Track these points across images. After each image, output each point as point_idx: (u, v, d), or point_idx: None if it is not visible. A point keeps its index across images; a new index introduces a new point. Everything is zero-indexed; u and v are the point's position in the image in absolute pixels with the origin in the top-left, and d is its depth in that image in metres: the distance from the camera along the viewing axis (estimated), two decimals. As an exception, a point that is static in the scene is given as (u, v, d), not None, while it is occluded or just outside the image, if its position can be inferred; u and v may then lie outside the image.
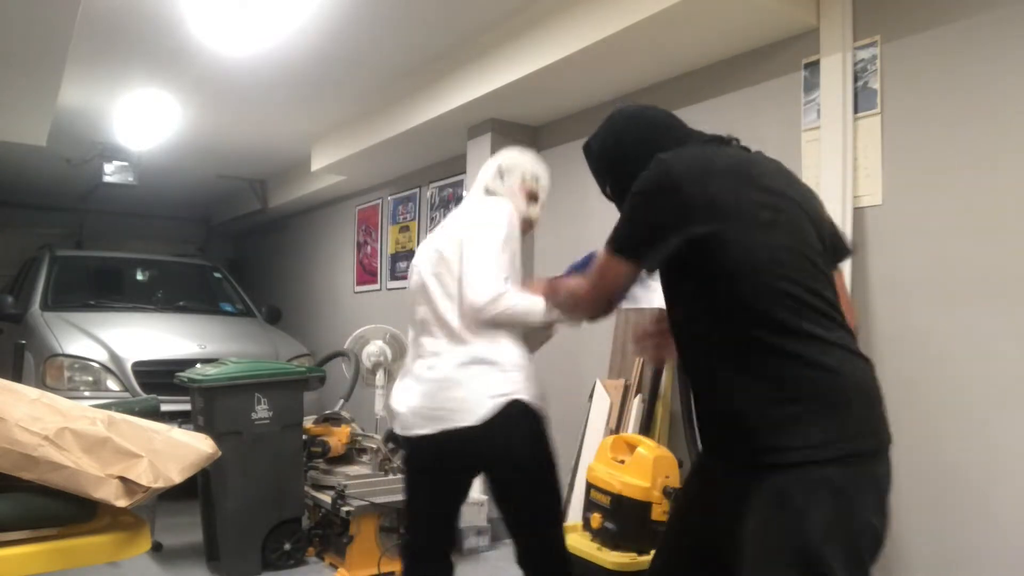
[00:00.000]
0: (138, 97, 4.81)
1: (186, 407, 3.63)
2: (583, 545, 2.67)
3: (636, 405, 3.32)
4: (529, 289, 1.98)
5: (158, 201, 8.71)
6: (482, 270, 1.95)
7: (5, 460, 1.50)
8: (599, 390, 3.52)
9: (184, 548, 3.75)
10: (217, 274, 6.52)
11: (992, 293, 2.36)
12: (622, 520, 2.60)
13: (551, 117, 4.21)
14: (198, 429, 3.35)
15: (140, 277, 6.54)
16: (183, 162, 6.67)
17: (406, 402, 2.06)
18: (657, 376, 3.22)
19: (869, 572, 1.31)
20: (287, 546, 3.48)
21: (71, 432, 1.56)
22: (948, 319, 2.47)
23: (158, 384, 4.23)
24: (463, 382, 1.94)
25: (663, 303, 1.58)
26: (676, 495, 2.33)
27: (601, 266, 1.52)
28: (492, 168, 2.22)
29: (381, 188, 6.22)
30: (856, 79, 2.75)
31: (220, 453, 1.89)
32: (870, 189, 2.70)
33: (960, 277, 2.44)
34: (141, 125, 5.26)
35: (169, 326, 5.16)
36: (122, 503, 1.56)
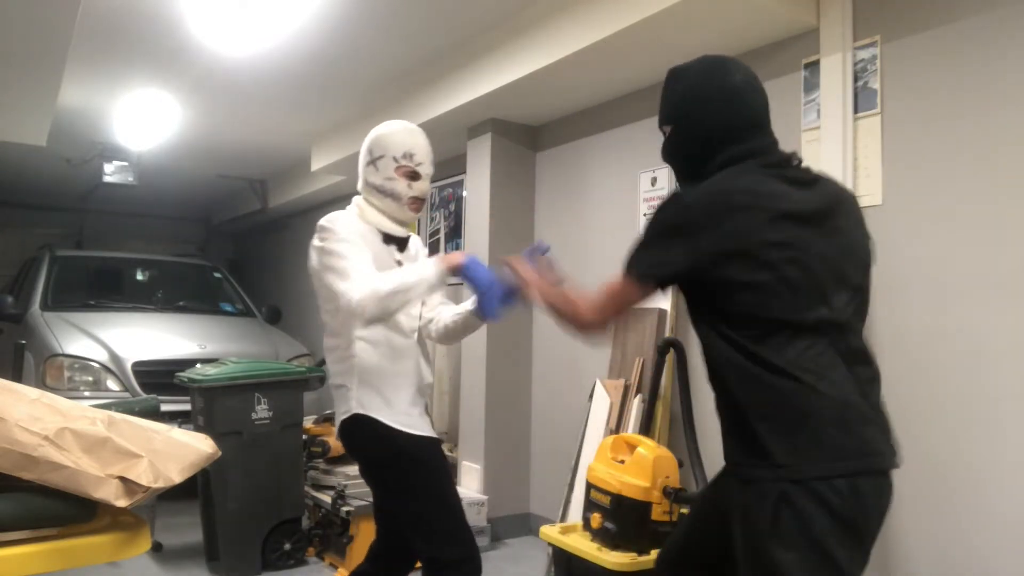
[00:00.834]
0: (138, 97, 4.82)
1: (186, 407, 3.63)
2: (583, 545, 2.68)
3: (636, 405, 3.32)
4: (512, 265, 1.86)
5: (158, 201, 8.72)
6: (340, 283, 1.90)
7: (5, 460, 1.50)
8: (599, 390, 3.52)
9: (184, 548, 3.75)
10: (217, 274, 6.52)
11: (992, 292, 2.36)
12: (622, 520, 2.60)
13: (551, 117, 4.21)
14: (198, 429, 3.36)
15: (140, 277, 6.54)
16: (183, 162, 6.67)
17: None
18: (657, 376, 3.22)
19: None
20: (287, 546, 3.48)
21: (71, 432, 1.56)
22: (948, 319, 2.47)
23: (158, 384, 4.24)
24: None
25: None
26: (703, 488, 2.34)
27: (615, 291, 1.53)
28: (363, 158, 2.12)
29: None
30: (856, 79, 2.75)
31: (220, 453, 1.89)
32: (870, 189, 2.70)
33: (960, 277, 2.44)
34: (141, 125, 5.27)
35: (169, 326, 5.16)
36: (122, 503, 1.56)
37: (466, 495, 3.95)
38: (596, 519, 2.67)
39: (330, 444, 3.79)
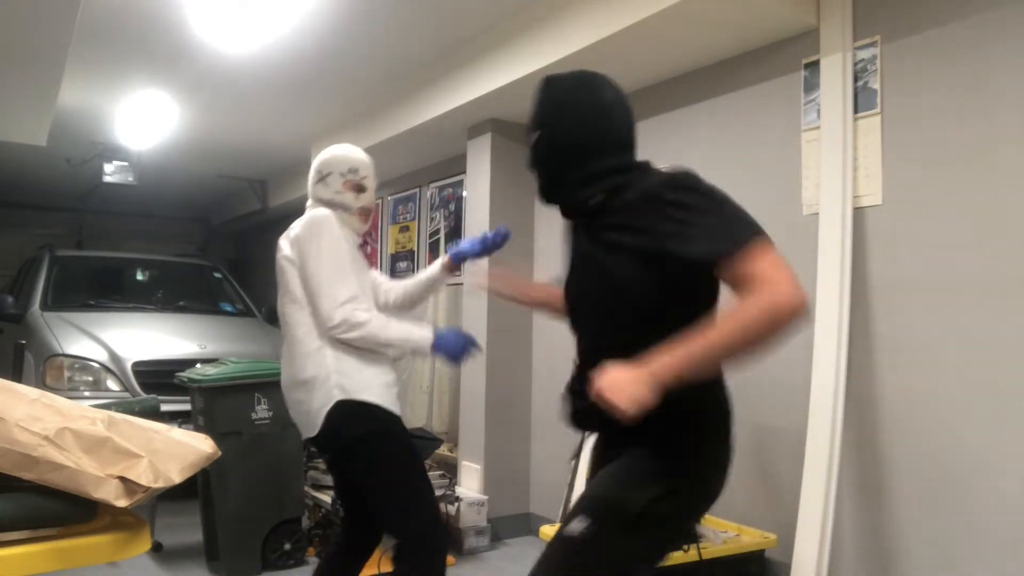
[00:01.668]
0: (138, 97, 4.82)
1: (186, 407, 3.63)
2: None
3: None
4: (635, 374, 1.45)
5: (158, 201, 8.72)
6: (325, 291, 2.08)
7: (5, 460, 1.50)
8: (599, 390, 3.51)
9: (184, 548, 3.75)
10: (217, 274, 6.52)
11: (992, 292, 2.36)
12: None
13: (551, 117, 4.21)
14: (198, 429, 3.36)
15: (140, 277, 6.54)
16: (183, 162, 6.67)
17: None
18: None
19: None
20: (287, 546, 3.48)
21: (71, 432, 1.56)
22: (948, 319, 2.47)
23: (158, 384, 4.23)
24: None
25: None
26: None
27: (772, 258, 1.28)
28: (313, 177, 2.32)
29: (381, 188, 6.22)
30: (856, 79, 2.75)
31: (220, 453, 1.89)
32: (870, 189, 2.70)
33: (960, 277, 2.44)
34: (141, 125, 5.27)
35: (169, 326, 5.16)
36: (122, 503, 1.56)
37: (466, 495, 3.95)
38: (596, 519, 2.66)
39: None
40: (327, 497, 3.53)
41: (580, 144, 1.54)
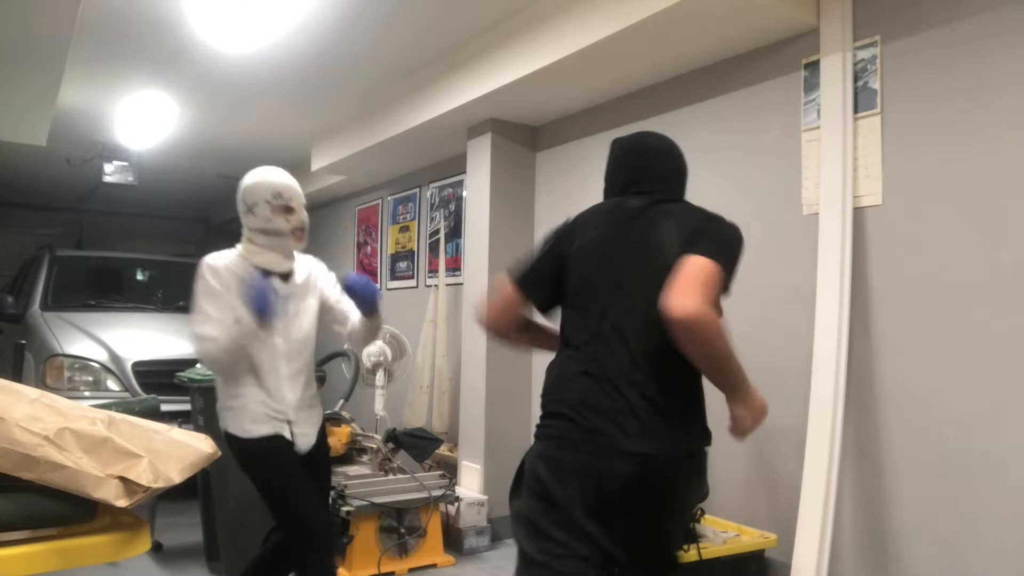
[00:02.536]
0: (138, 97, 4.82)
1: (186, 407, 3.63)
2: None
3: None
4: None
5: (158, 201, 8.72)
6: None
7: (5, 460, 1.50)
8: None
9: (184, 548, 3.75)
10: (217, 274, 6.50)
11: (992, 293, 2.36)
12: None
13: (551, 117, 4.21)
14: (198, 429, 3.35)
15: (140, 277, 6.54)
16: (182, 162, 6.67)
17: None
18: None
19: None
20: (287, 546, 3.47)
21: (71, 432, 1.56)
22: (948, 319, 2.47)
23: (158, 384, 4.23)
24: None
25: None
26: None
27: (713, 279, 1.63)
28: (240, 207, 2.38)
29: (381, 188, 6.23)
30: (856, 79, 2.75)
31: (220, 453, 1.90)
32: (870, 189, 2.70)
33: (960, 277, 2.44)
34: (141, 125, 5.27)
35: (169, 326, 5.16)
36: (122, 503, 1.56)
37: (466, 495, 3.95)
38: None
39: (330, 444, 3.78)
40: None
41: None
